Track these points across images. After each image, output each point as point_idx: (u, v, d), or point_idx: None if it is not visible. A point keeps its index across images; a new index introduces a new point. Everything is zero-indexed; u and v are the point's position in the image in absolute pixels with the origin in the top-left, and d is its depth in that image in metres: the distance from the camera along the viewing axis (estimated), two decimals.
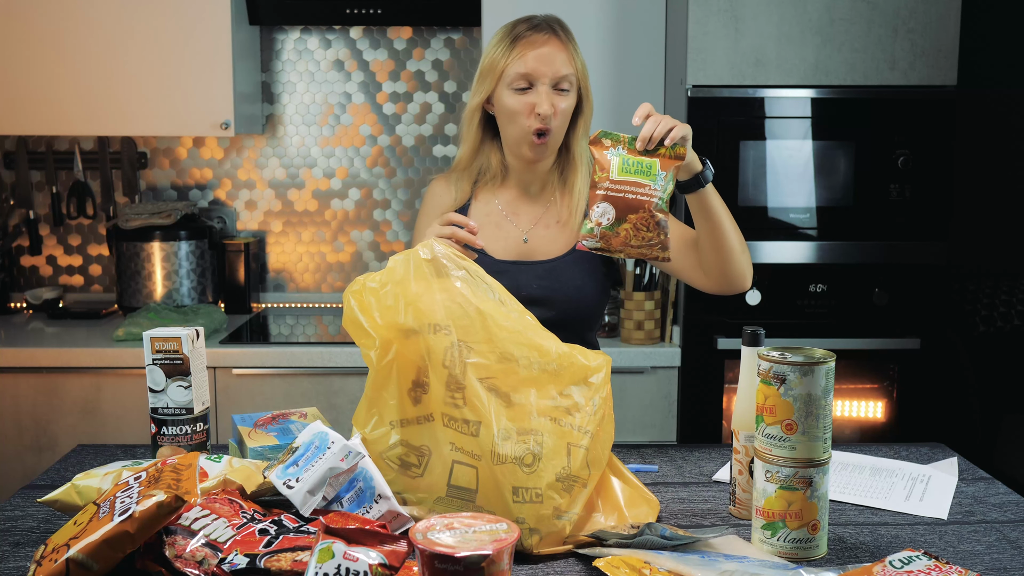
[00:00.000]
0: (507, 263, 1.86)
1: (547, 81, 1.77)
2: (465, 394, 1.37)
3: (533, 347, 1.41)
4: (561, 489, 1.35)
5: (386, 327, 1.41)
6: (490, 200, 1.91)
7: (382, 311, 1.41)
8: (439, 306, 1.40)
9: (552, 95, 1.77)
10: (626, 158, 1.53)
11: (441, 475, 1.38)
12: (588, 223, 1.53)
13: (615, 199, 1.51)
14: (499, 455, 1.34)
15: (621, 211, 1.51)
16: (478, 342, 1.39)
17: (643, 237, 1.51)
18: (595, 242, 1.53)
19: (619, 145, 1.54)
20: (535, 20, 1.82)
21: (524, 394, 1.39)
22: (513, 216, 1.90)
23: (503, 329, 1.40)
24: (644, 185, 1.51)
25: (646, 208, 1.51)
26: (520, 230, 1.89)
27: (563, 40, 1.79)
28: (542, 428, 1.37)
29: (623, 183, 1.52)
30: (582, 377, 1.42)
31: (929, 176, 2.71)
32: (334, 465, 1.29)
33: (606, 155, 1.53)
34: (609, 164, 1.53)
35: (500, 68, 1.79)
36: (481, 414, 1.36)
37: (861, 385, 2.80)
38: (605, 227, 1.51)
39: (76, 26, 2.89)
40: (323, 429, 1.35)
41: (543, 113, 1.76)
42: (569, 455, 1.37)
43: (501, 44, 1.80)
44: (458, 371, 1.37)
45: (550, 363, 1.40)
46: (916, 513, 1.52)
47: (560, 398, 1.40)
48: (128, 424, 2.71)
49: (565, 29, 1.82)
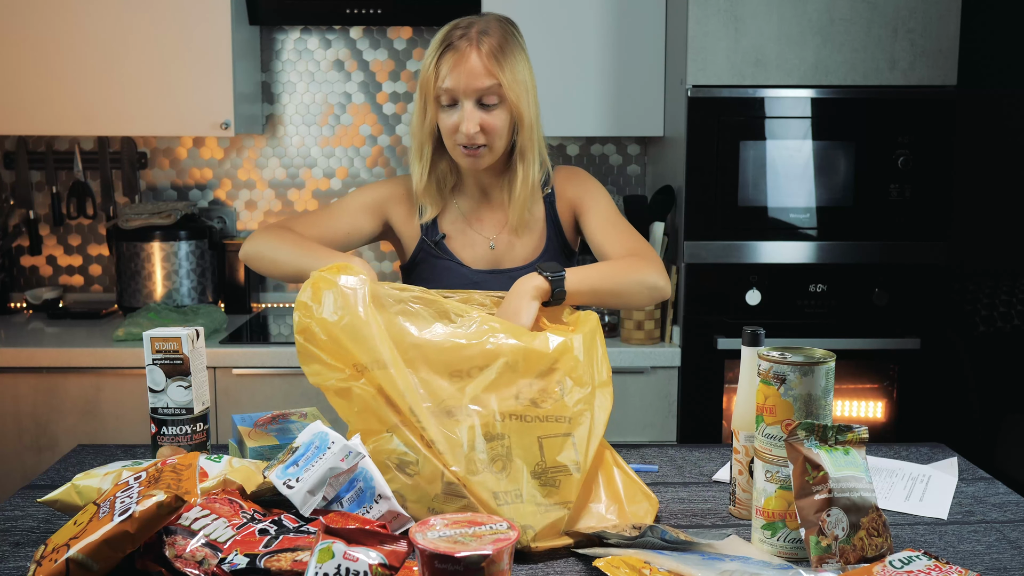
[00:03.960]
0: (482, 273, 1.86)
1: (470, 96, 1.72)
2: (423, 424, 1.37)
3: (484, 355, 1.41)
4: (540, 485, 1.36)
5: (342, 364, 1.40)
6: (454, 207, 1.89)
7: (334, 350, 1.40)
8: (382, 343, 1.39)
9: (477, 111, 1.72)
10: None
11: (435, 473, 1.38)
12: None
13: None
14: (471, 468, 1.35)
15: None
16: (425, 372, 1.39)
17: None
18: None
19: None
20: (467, 26, 1.74)
21: (485, 402, 1.39)
22: (477, 223, 1.88)
23: (447, 350, 1.40)
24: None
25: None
26: (485, 237, 1.88)
27: (484, 51, 1.70)
28: (507, 430, 1.38)
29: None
30: (544, 367, 1.42)
31: (929, 176, 2.71)
32: (334, 465, 1.29)
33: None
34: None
35: (430, 86, 1.74)
36: (445, 440, 1.36)
37: (861, 385, 2.80)
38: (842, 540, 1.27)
39: (76, 26, 2.89)
40: (323, 429, 1.35)
41: (465, 132, 1.72)
42: (542, 448, 1.38)
43: (431, 55, 1.74)
44: (412, 403, 1.38)
45: (506, 364, 1.41)
46: (916, 513, 1.52)
47: (521, 396, 1.40)
48: (128, 424, 2.71)
49: (493, 36, 1.72)
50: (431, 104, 1.76)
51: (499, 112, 1.74)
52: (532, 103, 1.77)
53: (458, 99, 1.73)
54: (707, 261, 2.70)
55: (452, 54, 1.72)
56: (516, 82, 1.73)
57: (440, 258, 1.87)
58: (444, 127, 1.76)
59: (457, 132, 1.73)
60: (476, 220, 1.89)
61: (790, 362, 1.31)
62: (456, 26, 1.75)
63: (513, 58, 1.74)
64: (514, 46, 1.75)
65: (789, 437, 1.29)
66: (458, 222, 1.88)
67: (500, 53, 1.72)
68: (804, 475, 1.27)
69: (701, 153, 2.70)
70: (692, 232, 2.71)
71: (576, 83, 2.92)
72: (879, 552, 1.27)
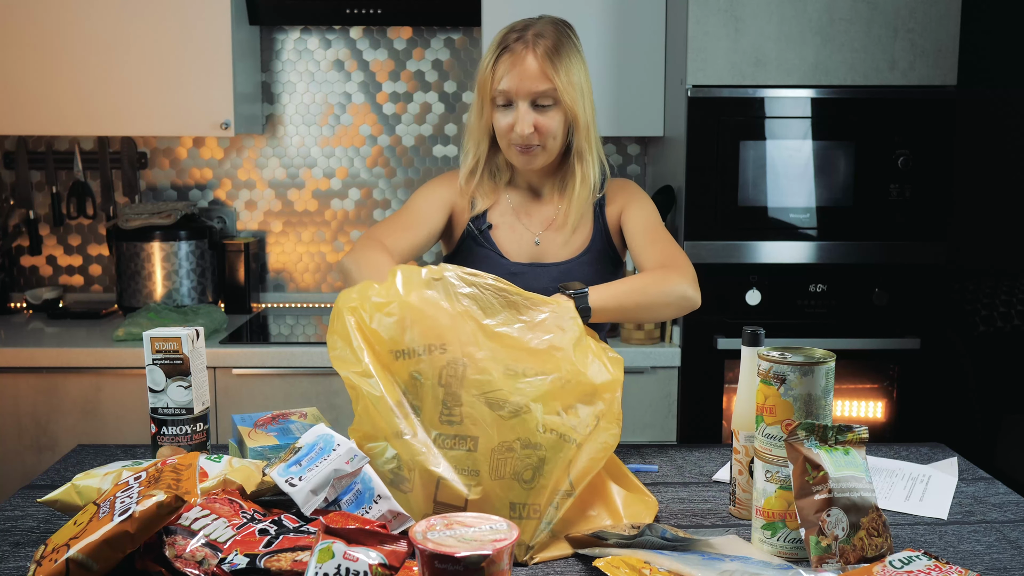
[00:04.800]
0: (522, 265, 1.87)
1: (525, 98, 1.75)
2: (463, 410, 1.36)
3: (541, 360, 1.40)
4: (550, 505, 1.36)
5: (379, 351, 1.39)
6: (503, 200, 1.91)
7: (381, 330, 1.39)
8: (442, 325, 1.39)
9: (532, 113, 1.75)
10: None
11: (426, 491, 1.37)
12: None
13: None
14: (498, 470, 1.34)
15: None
16: (481, 358, 1.38)
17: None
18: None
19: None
20: (523, 28, 1.78)
21: (528, 408, 1.38)
22: (525, 217, 1.90)
23: (509, 343, 1.40)
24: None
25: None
26: (532, 232, 1.89)
27: (540, 54, 1.74)
28: (545, 443, 1.37)
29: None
30: (589, 393, 1.41)
31: (929, 176, 2.71)
32: (339, 467, 1.29)
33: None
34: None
35: (487, 87, 1.78)
36: (480, 429, 1.35)
37: (861, 385, 2.80)
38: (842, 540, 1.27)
39: (76, 26, 2.89)
40: (328, 432, 1.35)
41: (520, 133, 1.75)
42: (568, 470, 1.37)
43: (488, 57, 1.78)
44: (456, 387, 1.37)
45: (559, 378, 1.40)
46: (916, 513, 1.52)
47: (566, 415, 1.39)
48: (128, 424, 2.71)
49: (548, 38, 1.75)
50: (487, 104, 1.79)
51: (553, 113, 1.76)
52: (588, 105, 1.80)
53: (513, 100, 1.75)
54: (707, 261, 2.69)
55: (508, 56, 1.75)
56: (571, 84, 1.76)
57: (482, 247, 1.89)
58: (499, 127, 1.79)
59: (512, 132, 1.76)
60: (525, 215, 1.90)
61: (790, 362, 1.31)
62: (512, 29, 1.79)
63: (568, 60, 1.76)
64: (569, 48, 1.77)
65: (789, 437, 1.29)
66: (507, 215, 1.90)
67: (555, 55, 1.74)
68: (804, 475, 1.27)
69: (701, 153, 2.69)
70: (692, 232, 2.71)
71: None
72: (879, 552, 1.27)
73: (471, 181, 1.88)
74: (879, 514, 1.29)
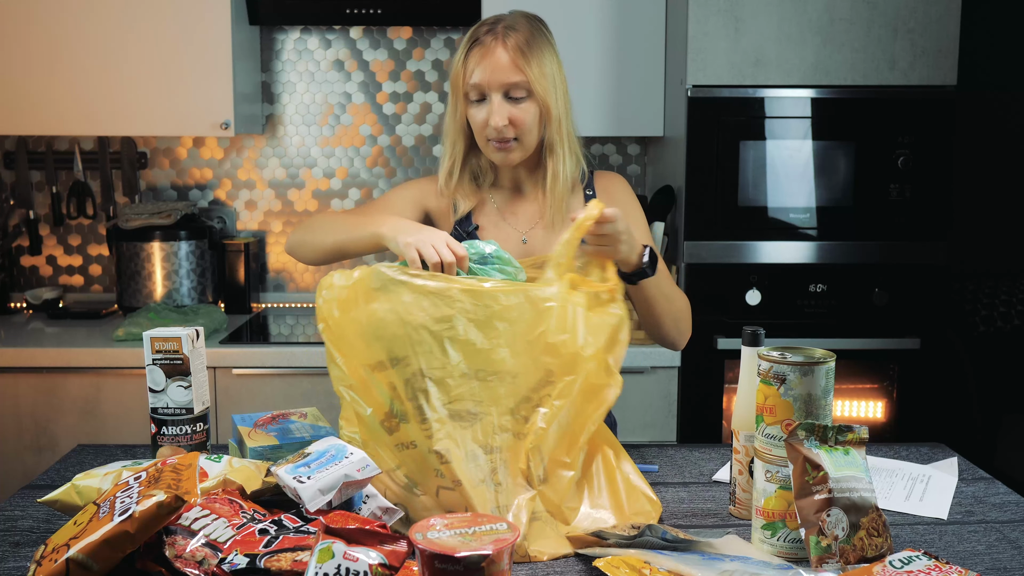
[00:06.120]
0: None
1: (498, 90, 1.74)
2: (431, 425, 1.36)
3: (492, 361, 1.39)
4: (530, 499, 1.36)
5: (356, 364, 1.40)
6: (488, 201, 1.90)
7: (349, 346, 1.40)
8: (400, 334, 1.37)
9: (506, 105, 1.74)
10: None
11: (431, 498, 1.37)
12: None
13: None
14: (470, 479, 1.34)
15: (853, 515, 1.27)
16: (438, 367, 1.37)
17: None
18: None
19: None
20: (494, 23, 1.77)
21: (487, 411, 1.38)
22: (511, 217, 1.89)
23: (465, 346, 1.38)
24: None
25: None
26: (518, 231, 1.89)
27: (511, 45, 1.73)
28: (503, 444, 1.37)
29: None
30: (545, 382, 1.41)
31: (929, 176, 2.71)
32: (350, 473, 1.28)
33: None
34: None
35: (459, 82, 1.77)
36: (449, 443, 1.35)
37: (861, 385, 2.80)
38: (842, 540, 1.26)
39: (76, 26, 2.89)
40: (339, 442, 1.35)
41: (494, 125, 1.74)
42: (529, 460, 1.37)
43: (460, 52, 1.78)
44: (421, 402, 1.37)
45: (507, 374, 1.39)
46: (916, 513, 1.52)
47: (518, 412, 1.39)
48: (128, 424, 2.71)
49: (519, 31, 1.75)
50: (461, 101, 1.79)
51: (527, 106, 1.75)
52: (561, 98, 1.79)
53: (487, 94, 1.75)
54: (707, 261, 2.69)
55: (479, 49, 1.75)
56: (543, 75, 1.75)
57: None
58: (475, 123, 1.78)
59: (487, 127, 1.75)
60: (510, 214, 1.89)
61: (790, 362, 1.31)
62: (483, 23, 1.79)
63: (540, 52, 1.75)
64: (541, 41, 1.77)
65: (789, 437, 1.29)
66: (492, 215, 1.89)
67: (527, 47, 1.74)
68: (804, 475, 1.27)
69: (701, 153, 2.69)
70: (692, 232, 2.71)
71: (576, 83, 2.89)
72: (879, 552, 1.27)
73: (450, 182, 1.86)
74: (879, 514, 1.29)
